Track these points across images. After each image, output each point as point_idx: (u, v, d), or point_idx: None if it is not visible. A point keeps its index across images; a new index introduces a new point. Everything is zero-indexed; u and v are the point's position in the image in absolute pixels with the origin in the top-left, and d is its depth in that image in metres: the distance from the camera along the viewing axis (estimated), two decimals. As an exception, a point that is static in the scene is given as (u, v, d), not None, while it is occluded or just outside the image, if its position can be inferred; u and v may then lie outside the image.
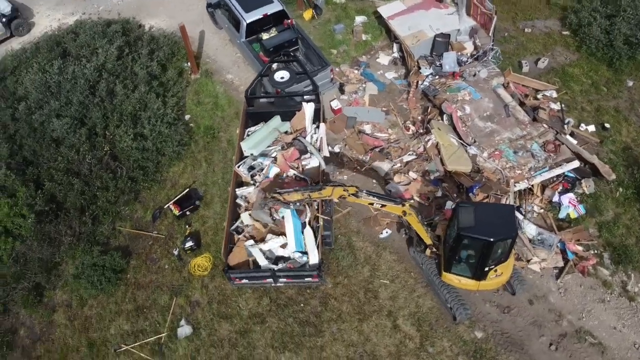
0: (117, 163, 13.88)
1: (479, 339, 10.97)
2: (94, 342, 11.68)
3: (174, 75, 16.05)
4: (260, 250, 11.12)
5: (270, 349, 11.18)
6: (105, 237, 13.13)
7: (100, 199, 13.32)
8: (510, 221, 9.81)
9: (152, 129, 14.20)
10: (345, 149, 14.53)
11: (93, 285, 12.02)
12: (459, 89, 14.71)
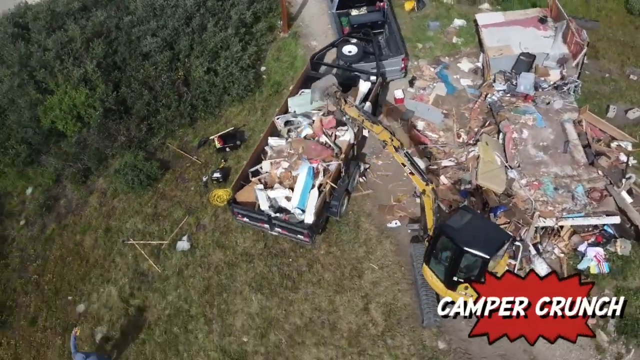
0: (185, 89, 15.27)
1: (439, 350, 10.75)
2: (110, 229, 13.19)
3: (263, 28, 17.12)
4: (265, 196, 11.77)
5: (247, 287, 11.87)
6: (153, 147, 14.61)
7: (161, 114, 14.82)
8: (494, 244, 9.47)
9: (225, 68, 15.38)
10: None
11: (127, 183, 13.53)
12: (525, 112, 14.12)
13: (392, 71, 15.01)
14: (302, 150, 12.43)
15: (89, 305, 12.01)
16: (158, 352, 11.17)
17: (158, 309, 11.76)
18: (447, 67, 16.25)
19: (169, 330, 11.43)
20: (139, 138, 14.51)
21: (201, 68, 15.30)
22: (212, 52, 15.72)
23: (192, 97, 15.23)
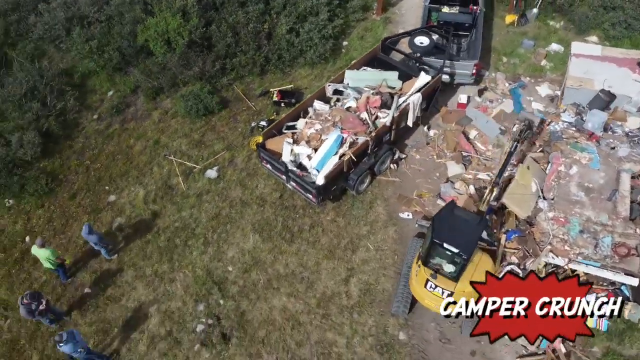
0: (266, 42, 16.30)
1: (398, 340, 10.82)
2: (159, 142, 14.68)
3: (357, 6, 17.63)
4: (290, 149, 12.44)
5: (250, 226, 12.71)
6: (220, 85, 15.88)
7: (237, 57, 16.00)
8: (471, 244, 9.33)
9: (307, 32, 16.18)
10: (438, 137, 14.57)
11: (186, 108, 14.93)
12: (583, 149, 13.34)
13: (462, 74, 14.84)
14: (339, 119, 12.88)
15: (118, 198, 13.57)
16: (156, 254, 12.40)
17: (170, 219, 12.99)
18: (524, 87, 15.68)
19: (171, 239, 12.62)
20: (210, 73, 15.82)
21: (285, 26, 16.23)
22: (300, 15, 16.56)
23: (269, 50, 16.22)
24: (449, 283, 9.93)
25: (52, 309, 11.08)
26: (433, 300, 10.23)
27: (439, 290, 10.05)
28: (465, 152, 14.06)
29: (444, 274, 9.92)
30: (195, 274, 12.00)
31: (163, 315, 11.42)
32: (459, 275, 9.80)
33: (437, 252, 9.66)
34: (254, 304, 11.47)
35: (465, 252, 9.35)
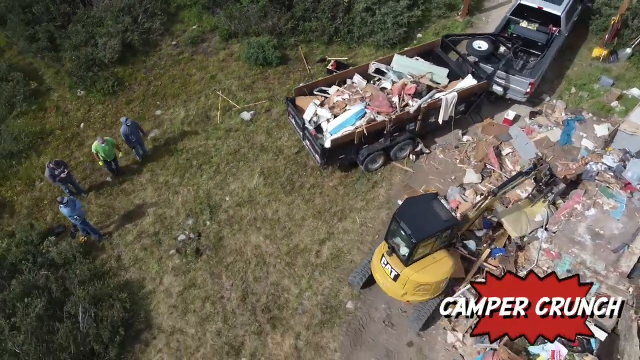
0: (341, 15, 17.00)
1: (344, 307, 11.20)
2: (214, 77, 16.08)
3: (442, 2, 17.66)
4: (314, 109, 13.13)
5: (259, 169, 13.65)
6: (287, 43, 16.88)
7: (311, 22, 16.91)
8: (425, 233, 9.43)
9: (382, 15, 16.65)
10: (469, 144, 14.43)
11: (247, 54, 16.17)
12: (611, 196, 12.57)
13: (515, 90, 14.49)
14: (369, 96, 13.31)
15: (162, 114, 15.18)
16: (173, 167, 13.80)
17: (196, 143, 14.33)
18: (581, 122, 14.90)
19: (190, 160, 13.95)
20: (281, 30, 16.88)
21: (364, 4, 16.80)
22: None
23: (342, 23, 16.91)
24: (399, 265, 10.07)
25: (73, 181, 12.87)
26: (381, 276, 10.46)
27: (388, 267, 10.23)
28: (490, 165, 13.80)
29: (398, 255, 10.09)
30: (197, 193, 13.21)
31: (157, 218, 12.78)
32: (409, 260, 9.90)
33: (395, 229, 9.87)
34: (233, 234, 12.43)
35: (415, 237, 9.41)
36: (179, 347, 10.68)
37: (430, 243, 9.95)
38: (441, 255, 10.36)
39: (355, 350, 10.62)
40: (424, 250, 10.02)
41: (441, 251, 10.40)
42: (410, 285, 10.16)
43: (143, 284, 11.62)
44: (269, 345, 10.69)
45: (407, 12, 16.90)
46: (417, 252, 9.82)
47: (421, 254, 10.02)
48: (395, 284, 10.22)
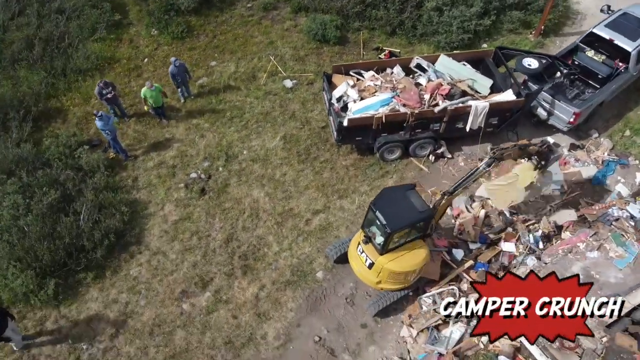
0: (411, 10, 17.14)
1: (313, 275, 11.64)
2: (273, 43, 16.89)
3: (516, 18, 17.18)
4: (344, 88, 13.54)
5: (283, 134, 14.32)
6: (350, 26, 17.31)
7: (379, 10, 17.20)
8: (400, 223, 9.62)
9: (450, 17, 16.61)
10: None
11: (307, 28, 16.85)
12: (623, 244, 11.90)
13: (558, 118, 13.96)
14: (401, 87, 13.49)
15: (215, 65, 16.30)
16: (207, 114, 14.85)
17: (235, 97, 15.29)
18: (623, 167, 14.05)
19: (225, 110, 14.94)
20: (348, 13, 17.35)
21: (434, 3, 16.83)
22: (457, 2, 16.91)
23: (408, 17, 17.06)
24: (374, 253, 10.33)
25: (118, 103, 14.32)
26: (357, 263, 10.70)
27: (364, 256, 10.49)
28: (508, 183, 13.44)
29: (374, 244, 10.31)
30: (220, 141, 14.17)
31: (179, 153, 13.91)
32: (384, 249, 10.15)
33: (371, 218, 10.10)
34: (239, 184, 13.26)
35: (390, 227, 9.63)
36: (157, 267, 11.71)
37: (405, 233, 10.11)
38: (416, 245, 10.47)
39: (310, 315, 11.06)
40: (399, 240, 10.19)
41: (417, 241, 10.50)
42: (384, 274, 10.37)
43: (147, 206, 12.78)
44: (234, 288, 11.41)
45: (476, 20, 16.66)
46: (392, 241, 10.02)
47: (396, 243, 10.20)
48: (370, 272, 10.45)
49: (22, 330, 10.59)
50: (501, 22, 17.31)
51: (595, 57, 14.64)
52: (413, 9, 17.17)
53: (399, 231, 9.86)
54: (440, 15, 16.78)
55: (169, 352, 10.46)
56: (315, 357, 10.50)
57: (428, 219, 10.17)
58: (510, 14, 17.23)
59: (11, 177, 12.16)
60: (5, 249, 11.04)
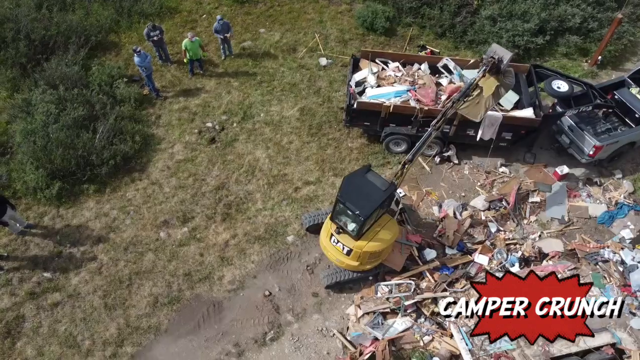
0: (466, 14, 17.04)
1: (284, 237, 12.22)
2: (322, 22, 17.50)
3: (573, 43, 16.55)
4: (366, 72, 13.88)
5: (301, 104, 14.95)
6: (401, 21, 17.52)
7: (432, 9, 17.28)
8: (371, 207, 9.88)
9: (500, 29, 16.39)
10: (503, 176, 13.90)
11: (359, 14, 17.29)
12: (603, 287, 11.49)
13: (578, 148, 13.49)
14: (420, 83, 13.61)
15: (264, 32, 17.17)
16: (240, 75, 15.78)
17: (270, 65, 16.10)
18: (638, 214, 13.27)
19: (257, 74, 15.80)
20: (403, 7, 17.55)
21: (490, 11, 16.61)
22: (509, 12, 16.59)
23: (461, 22, 16.98)
24: (349, 240, 10.63)
25: (164, 47, 15.59)
26: (333, 253, 11.04)
27: (340, 245, 10.80)
28: (505, 201, 13.23)
29: (347, 232, 10.61)
30: (243, 100, 15.06)
31: (203, 102, 14.97)
32: (359, 234, 10.47)
33: (341, 209, 10.39)
34: (246, 141, 14.07)
35: (362, 214, 9.92)
36: (150, 195, 12.83)
37: (375, 214, 10.41)
38: (385, 220, 10.84)
39: (268, 271, 11.67)
40: (371, 221, 10.51)
41: (384, 217, 10.85)
42: (364, 256, 10.73)
43: (160, 142, 13.95)
44: (210, 230, 12.26)
45: (529, 36, 16.24)
46: (366, 225, 10.36)
47: (369, 225, 10.53)
48: (350, 258, 10.81)
49: (25, 219, 12.08)
50: (557, 44, 16.74)
51: (638, 95, 13.87)
52: (468, 15, 17.04)
53: (371, 215, 10.16)
54: (492, 25, 16.53)
55: (135, 268, 11.51)
56: (260, 309, 11.10)
57: (392, 194, 10.39)
58: (568, 38, 16.61)
59: (52, 89, 13.72)
60: (29, 148, 12.59)
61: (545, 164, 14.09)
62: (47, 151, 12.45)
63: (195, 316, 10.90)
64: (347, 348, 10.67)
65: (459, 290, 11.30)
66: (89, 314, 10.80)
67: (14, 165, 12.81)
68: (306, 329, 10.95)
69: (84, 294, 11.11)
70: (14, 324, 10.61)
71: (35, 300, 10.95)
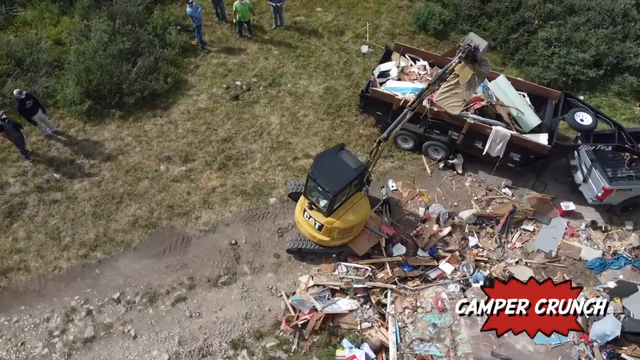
0: (523, 33, 16.60)
1: (267, 198, 12.89)
2: (378, 12, 17.83)
3: (628, 84, 15.62)
4: (392, 66, 14.12)
5: (328, 83, 15.48)
6: (457, 27, 17.41)
7: (490, 20, 17.01)
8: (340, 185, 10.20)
9: (553, 55, 15.81)
10: (503, 197, 13.60)
11: (416, 13, 17.36)
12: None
13: (587, 187, 12.87)
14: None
15: (319, 12, 17.83)
16: (283, 45, 16.61)
17: (313, 42, 16.79)
18: (635, 270, 12.48)
19: (297, 48, 16.55)
20: (463, 13, 17.40)
21: (548, 34, 16.07)
22: (567, 39, 15.96)
23: (516, 39, 16.58)
24: (321, 216, 11.06)
25: (222, 6, 16.79)
26: (306, 228, 11.52)
27: (312, 220, 11.30)
28: (495, 221, 12.97)
29: (319, 208, 11.04)
30: (276, 68, 15.88)
31: (239, 62, 15.97)
32: (329, 210, 10.87)
33: (313, 186, 10.78)
34: (265, 105, 14.87)
35: (331, 191, 10.30)
36: (164, 132, 14.04)
37: (346, 191, 10.79)
38: (356, 198, 11.19)
39: (241, 224, 12.43)
40: (341, 199, 10.92)
41: (356, 195, 11.20)
42: (334, 232, 11.19)
43: (189, 89, 15.13)
44: (204, 174, 13.23)
45: (581, 67, 15.54)
46: (336, 202, 10.78)
47: (339, 202, 10.96)
48: (321, 233, 11.30)
49: (56, 126, 13.75)
50: (611, 81, 15.85)
51: (676, 143, 12.93)
52: (525, 33, 16.57)
53: (341, 193, 10.54)
54: (546, 48, 15.98)
55: (129, 190, 12.75)
56: (222, 253, 11.90)
57: (363, 173, 10.70)
58: (624, 77, 15.65)
59: (110, 21, 15.31)
60: (76, 67, 14.23)
61: (554, 196, 13.56)
62: (89, 73, 13.98)
63: (164, 244, 11.92)
64: (287, 310, 11.18)
65: (409, 288, 11.38)
66: (78, 217, 12.17)
67: (62, 79, 14.51)
68: (258, 283, 11.58)
69: (80, 199, 12.50)
70: (16, 208, 12.20)
71: (40, 194, 12.50)
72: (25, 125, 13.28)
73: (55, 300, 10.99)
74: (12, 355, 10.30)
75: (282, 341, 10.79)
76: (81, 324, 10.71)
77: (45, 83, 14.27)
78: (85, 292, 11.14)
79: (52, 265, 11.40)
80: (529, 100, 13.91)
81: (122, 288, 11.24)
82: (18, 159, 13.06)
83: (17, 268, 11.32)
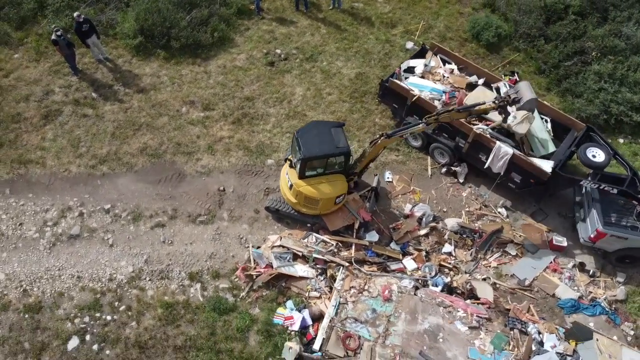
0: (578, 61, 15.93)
1: (265, 159, 13.66)
2: (437, 14, 17.84)
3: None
4: (420, 64, 14.27)
5: (362, 70, 15.87)
6: (514, 43, 17.00)
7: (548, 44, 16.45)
8: (313, 150, 10.67)
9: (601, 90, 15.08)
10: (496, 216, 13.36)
11: (472, 20, 17.19)
12: (499, 347, 10.91)
13: (583, 227, 12.35)
14: (462, 91, 13.61)
15: (380, 3, 18.15)
16: (333, 26, 17.15)
17: (363, 30, 17.19)
18: (609, 322, 11.85)
19: (345, 31, 17.05)
20: (520, 31, 16.97)
21: (602, 68, 15.33)
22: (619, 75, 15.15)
23: (569, 67, 15.94)
24: (294, 176, 11.53)
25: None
26: (283, 184, 12.11)
27: (287, 177, 11.90)
28: (479, 235, 12.83)
29: (295, 168, 11.48)
30: (317, 46, 16.53)
31: (285, 34, 16.81)
32: (302, 173, 11.30)
33: (295, 144, 11.24)
34: (295, 76, 15.61)
35: (304, 153, 10.78)
36: (197, 79, 15.26)
37: (321, 164, 11.25)
38: (336, 178, 11.57)
39: (234, 175, 13.31)
40: (316, 168, 11.39)
41: (338, 175, 11.57)
42: (300, 197, 11.73)
43: (232, 46, 16.24)
44: (218, 124, 14.25)
45: (627, 108, 14.69)
46: (308, 168, 11.23)
47: (313, 171, 11.44)
48: (290, 193, 11.86)
49: (108, 53, 15.41)
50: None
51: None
52: (580, 62, 15.89)
53: (313, 159, 10.95)
54: (596, 82, 15.25)
55: (149, 121, 14.09)
56: (208, 196, 12.87)
57: (344, 155, 11.03)
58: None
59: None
60: (139, 6, 15.78)
61: (551, 229, 13.12)
62: (147, 12, 15.44)
63: (162, 174, 13.10)
64: (249, 261, 11.92)
65: (362, 271, 11.66)
66: (99, 133, 13.68)
67: (125, 15, 16.14)
68: (231, 230, 12.42)
69: (106, 119, 14.01)
70: (53, 113, 13.96)
71: (75, 106, 14.17)
72: (81, 47, 14.98)
73: (58, 196, 12.51)
74: (10, 231, 11.92)
75: (234, 286, 11.53)
76: (71, 222, 12.13)
77: (111, 15, 15.94)
78: (83, 196, 12.56)
79: (64, 167, 12.96)
80: (551, 126, 13.47)
81: (114, 202, 12.54)
82: (68, 73, 14.82)
83: (36, 162, 12.99)
